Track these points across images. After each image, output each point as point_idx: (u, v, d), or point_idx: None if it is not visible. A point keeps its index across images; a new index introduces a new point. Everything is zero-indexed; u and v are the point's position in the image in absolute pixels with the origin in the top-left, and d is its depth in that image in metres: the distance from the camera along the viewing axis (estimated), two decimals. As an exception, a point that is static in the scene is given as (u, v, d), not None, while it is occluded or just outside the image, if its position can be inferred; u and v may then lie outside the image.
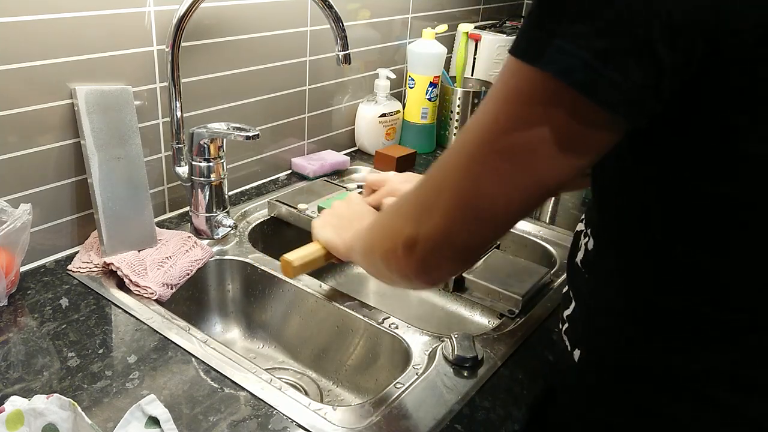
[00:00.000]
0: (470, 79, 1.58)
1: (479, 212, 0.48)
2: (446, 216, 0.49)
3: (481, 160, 0.47)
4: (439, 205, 0.49)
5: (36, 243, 0.91)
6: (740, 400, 0.50)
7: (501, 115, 0.45)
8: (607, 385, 0.58)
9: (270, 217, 1.14)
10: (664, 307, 0.52)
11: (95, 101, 0.91)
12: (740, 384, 0.50)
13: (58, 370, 0.73)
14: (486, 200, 0.47)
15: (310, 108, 1.31)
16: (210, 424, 0.67)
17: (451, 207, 0.49)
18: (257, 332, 1.03)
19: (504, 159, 0.46)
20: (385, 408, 0.71)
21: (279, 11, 1.16)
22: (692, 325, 0.51)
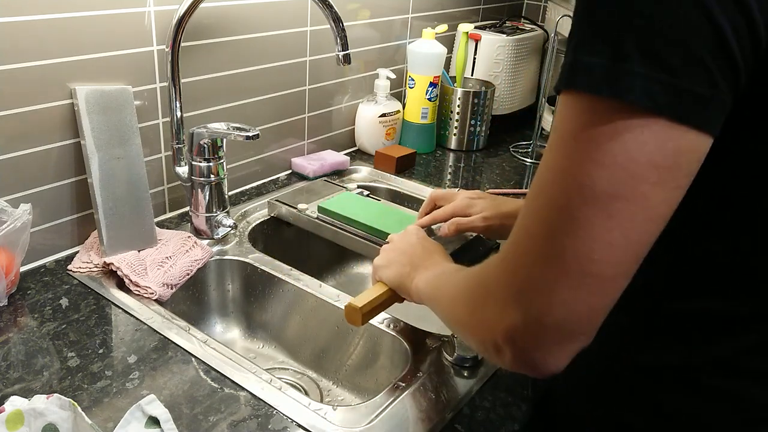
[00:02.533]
0: (470, 79, 1.58)
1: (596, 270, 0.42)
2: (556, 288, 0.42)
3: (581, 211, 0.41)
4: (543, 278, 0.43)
5: (36, 243, 0.91)
6: (747, 388, 0.51)
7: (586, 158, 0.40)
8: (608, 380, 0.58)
9: (270, 217, 1.14)
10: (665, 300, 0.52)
11: (95, 101, 0.91)
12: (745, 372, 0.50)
13: (58, 370, 0.73)
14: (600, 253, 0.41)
15: (310, 108, 1.31)
16: (210, 424, 0.67)
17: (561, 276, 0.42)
18: (257, 332, 1.03)
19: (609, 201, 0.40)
20: (385, 408, 0.71)
21: (279, 11, 1.16)
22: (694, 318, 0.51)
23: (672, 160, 0.40)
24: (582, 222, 0.41)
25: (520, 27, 1.65)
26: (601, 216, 0.40)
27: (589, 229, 0.41)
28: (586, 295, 0.42)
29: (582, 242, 0.41)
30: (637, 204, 0.40)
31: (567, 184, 0.41)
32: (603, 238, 0.41)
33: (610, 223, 0.40)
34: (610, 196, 0.40)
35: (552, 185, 0.43)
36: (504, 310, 0.45)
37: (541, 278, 0.43)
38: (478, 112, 1.49)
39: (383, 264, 0.79)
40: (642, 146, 0.39)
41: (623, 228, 0.41)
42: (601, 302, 0.43)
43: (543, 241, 0.43)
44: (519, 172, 1.41)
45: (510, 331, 0.45)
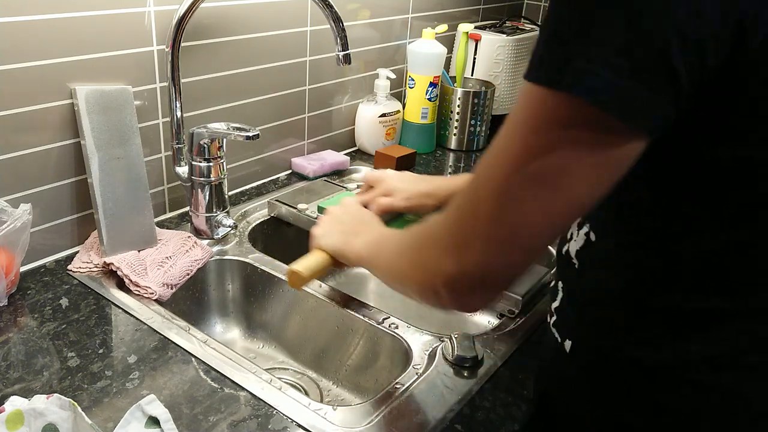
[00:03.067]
0: (470, 79, 1.58)
1: (520, 241, 0.48)
2: (487, 249, 0.49)
3: (516, 190, 0.46)
4: (478, 239, 0.49)
5: (36, 243, 0.91)
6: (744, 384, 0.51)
7: (530, 142, 0.45)
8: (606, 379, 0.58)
9: (270, 217, 1.14)
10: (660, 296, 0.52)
11: (95, 101, 0.91)
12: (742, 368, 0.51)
13: (58, 370, 0.73)
14: (526, 228, 0.47)
15: (310, 108, 1.31)
16: (210, 424, 0.67)
17: (492, 239, 0.49)
18: (257, 332, 1.03)
19: (539, 185, 0.46)
20: (385, 408, 0.71)
21: (279, 11, 1.16)
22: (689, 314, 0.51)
23: (600, 159, 0.44)
24: (515, 201, 0.47)
25: (520, 27, 1.65)
26: (530, 198, 0.46)
27: (518, 207, 0.47)
28: (508, 258, 0.50)
29: (512, 217, 0.47)
30: (561, 194, 0.46)
31: (508, 164, 0.47)
32: (530, 217, 0.47)
33: (536, 205, 0.46)
34: (540, 183, 0.45)
35: (498, 163, 0.48)
36: (443, 259, 0.52)
37: (476, 238, 0.49)
38: (478, 112, 1.49)
39: (322, 233, 0.85)
40: (575, 141, 0.44)
41: (545, 211, 0.47)
42: (520, 265, 0.51)
43: (483, 209, 0.49)
44: (519, 172, 1.41)
45: (448, 278, 0.52)
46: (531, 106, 0.45)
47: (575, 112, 0.43)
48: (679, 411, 0.53)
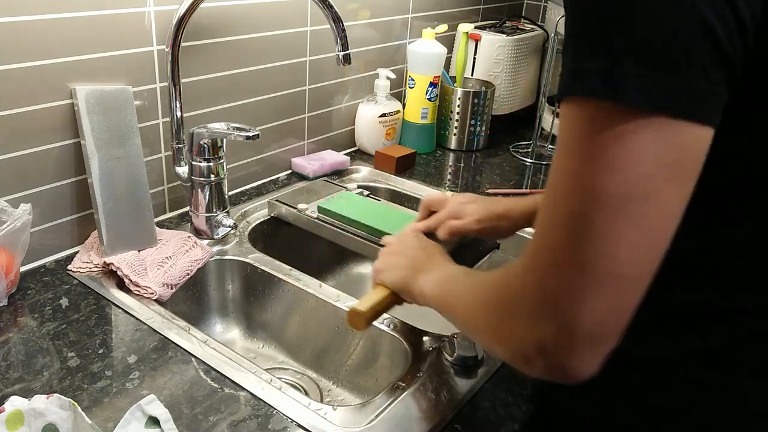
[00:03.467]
0: (470, 79, 1.58)
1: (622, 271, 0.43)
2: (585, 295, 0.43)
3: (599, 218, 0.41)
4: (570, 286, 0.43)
5: (36, 243, 0.91)
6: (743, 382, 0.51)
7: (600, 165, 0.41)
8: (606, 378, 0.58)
9: (270, 217, 1.14)
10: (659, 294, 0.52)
11: (95, 101, 0.91)
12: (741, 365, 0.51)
13: (58, 370, 0.73)
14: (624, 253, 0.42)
15: (310, 108, 1.31)
16: (210, 424, 0.67)
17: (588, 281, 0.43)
18: (257, 332, 1.03)
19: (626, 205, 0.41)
20: (385, 408, 0.71)
21: (279, 11, 1.16)
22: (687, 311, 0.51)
23: (677, 155, 0.41)
24: (601, 227, 0.42)
25: (520, 27, 1.65)
26: (619, 218, 0.41)
27: (609, 233, 0.41)
28: (614, 297, 0.43)
29: (604, 247, 0.42)
30: (651, 202, 0.41)
31: (580, 192, 0.42)
32: (624, 239, 0.42)
33: (629, 224, 0.41)
34: (624, 199, 0.41)
35: (565, 195, 0.43)
36: (533, 322, 0.45)
37: (570, 287, 0.43)
38: (478, 112, 1.49)
39: (384, 267, 0.78)
40: (646, 145, 0.40)
41: (641, 227, 0.41)
42: (629, 302, 0.44)
43: (566, 251, 0.43)
44: (519, 172, 1.41)
45: (542, 343, 0.45)
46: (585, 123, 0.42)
47: (638, 120, 0.40)
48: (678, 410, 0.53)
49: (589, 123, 0.42)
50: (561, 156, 0.44)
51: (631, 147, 0.40)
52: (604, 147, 0.41)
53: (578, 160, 0.42)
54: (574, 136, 0.43)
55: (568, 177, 0.43)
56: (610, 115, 0.41)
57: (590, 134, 0.42)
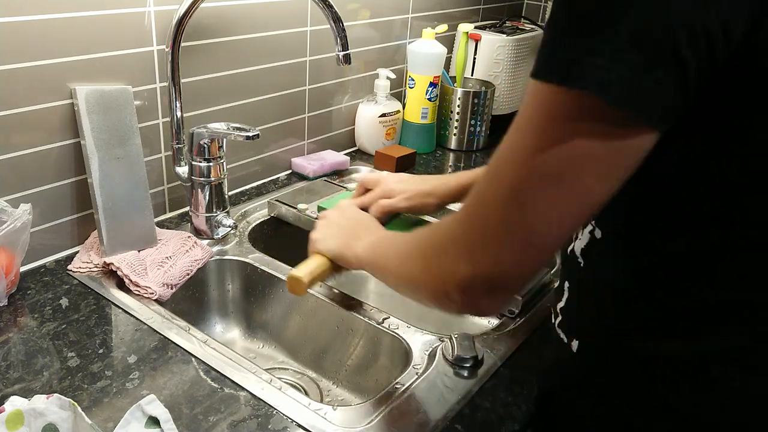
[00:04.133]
0: (470, 79, 1.58)
1: (535, 240, 0.48)
2: (502, 252, 0.49)
3: (529, 191, 0.46)
4: (492, 241, 0.49)
5: (36, 243, 0.91)
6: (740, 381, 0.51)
7: (540, 139, 0.45)
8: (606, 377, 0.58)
9: (270, 217, 1.14)
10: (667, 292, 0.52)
11: (95, 101, 0.91)
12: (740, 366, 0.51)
13: (58, 370, 0.73)
14: (540, 228, 0.47)
15: (310, 108, 1.31)
16: (210, 424, 0.67)
17: (506, 241, 0.48)
18: (257, 332, 1.03)
19: (552, 184, 0.45)
20: (385, 408, 0.71)
21: (279, 11, 1.16)
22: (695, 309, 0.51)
23: (611, 153, 0.44)
24: (528, 200, 0.46)
25: (520, 27, 1.65)
26: (542, 196, 0.46)
27: (532, 207, 0.46)
28: (523, 258, 0.49)
29: (526, 216, 0.47)
30: (575, 190, 0.45)
31: (520, 164, 0.47)
32: (544, 215, 0.47)
33: (549, 203, 0.46)
34: (551, 181, 0.45)
35: (508, 163, 0.48)
36: (457, 264, 0.52)
37: (491, 241, 0.49)
38: (478, 112, 1.49)
39: (321, 237, 0.84)
40: (586, 136, 0.44)
41: (561, 209, 0.46)
42: (534, 265, 0.51)
43: (495, 211, 0.49)
44: (519, 172, 1.41)
45: (461, 282, 0.51)
46: (539, 104, 0.45)
47: (585, 107, 0.43)
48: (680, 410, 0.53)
49: (544, 104, 0.45)
50: (514, 128, 0.48)
51: (569, 134, 0.44)
52: (550, 129, 0.45)
53: (524, 134, 0.47)
54: (528, 113, 0.47)
55: (514, 149, 0.48)
56: (560, 99, 0.44)
57: (541, 114, 0.45)
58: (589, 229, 0.58)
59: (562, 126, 0.44)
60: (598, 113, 0.43)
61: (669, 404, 0.53)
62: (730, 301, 0.50)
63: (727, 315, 0.50)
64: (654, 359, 0.54)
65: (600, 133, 0.43)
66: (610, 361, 0.57)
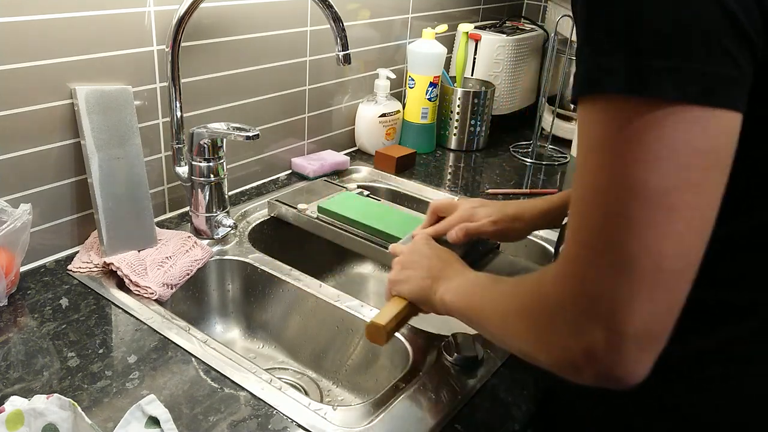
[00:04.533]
0: (470, 79, 1.58)
1: (673, 272, 0.42)
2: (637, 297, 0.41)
3: (649, 218, 0.41)
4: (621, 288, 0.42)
5: (36, 243, 0.91)
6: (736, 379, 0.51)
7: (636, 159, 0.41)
8: None
9: (270, 217, 1.14)
10: None
11: (95, 101, 0.91)
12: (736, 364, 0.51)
13: (58, 370, 0.73)
14: (669, 249, 0.41)
15: (310, 108, 1.31)
16: (210, 424, 0.67)
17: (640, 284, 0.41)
18: (257, 332, 1.03)
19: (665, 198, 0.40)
20: (385, 408, 0.71)
21: (279, 11, 1.16)
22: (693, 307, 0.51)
23: (712, 143, 0.41)
24: (644, 222, 0.41)
25: (520, 27, 1.65)
26: (662, 211, 0.40)
27: (653, 228, 0.41)
28: (662, 294, 0.42)
29: (647, 241, 0.41)
30: (692, 191, 0.41)
31: (616, 188, 0.41)
32: (669, 232, 0.41)
33: (672, 216, 0.41)
34: (664, 191, 0.40)
35: (599, 192, 0.42)
36: (578, 329, 0.44)
37: (614, 288, 0.42)
38: (478, 112, 1.49)
39: (400, 278, 0.76)
40: (679, 135, 0.40)
41: (685, 217, 0.41)
42: (678, 297, 0.43)
43: (605, 250, 0.42)
44: (519, 172, 1.41)
45: (590, 350, 0.43)
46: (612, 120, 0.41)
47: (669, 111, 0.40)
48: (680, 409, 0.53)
49: (616, 118, 0.41)
50: (587, 155, 0.43)
51: (666, 138, 0.40)
52: (638, 141, 0.40)
53: (610, 156, 0.42)
54: (600, 133, 0.42)
55: (600, 174, 0.42)
56: (638, 109, 0.40)
57: (619, 129, 0.41)
58: None
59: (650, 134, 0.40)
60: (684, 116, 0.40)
61: (668, 404, 0.53)
62: (728, 300, 0.50)
63: (724, 314, 0.50)
64: None
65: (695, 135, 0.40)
66: None
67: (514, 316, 0.53)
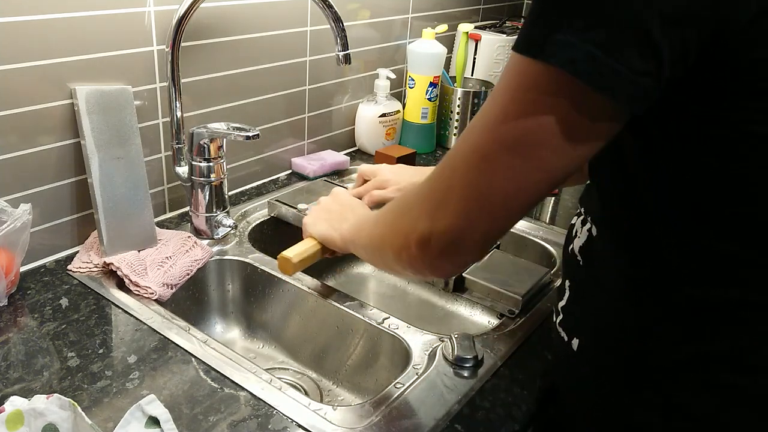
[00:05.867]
0: (470, 79, 1.58)
1: (492, 207, 0.50)
2: (459, 212, 0.51)
3: (491, 156, 0.48)
4: (452, 201, 0.51)
5: (36, 243, 0.91)
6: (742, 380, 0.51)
7: (507, 111, 0.47)
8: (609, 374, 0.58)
9: (270, 217, 1.14)
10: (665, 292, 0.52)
11: (95, 101, 0.91)
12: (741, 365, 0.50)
13: (58, 370, 0.73)
14: (498, 194, 0.49)
15: (310, 108, 1.31)
16: (210, 424, 0.67)
17: (464, 203, 0.50)
18: (257, 332, 1.03)
19: (513, 153, 0.47)
20: (385, 408, 0.71)
21: (279, 11, 1.16)
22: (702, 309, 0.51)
23: (579, 130, 0.45)
24: (488, 165, 0.48)
25: (520, 27, 1.65)
26: (503, 164, 0.48)
27: (491, 172, 0.48)
28: (478, 223, 0.51)
29: (486, 183, 0.49)
30: (535, 163, 0.47)
31: (485, 131, 0.49)
32: (502, 184, 0.48)
33: (508, 172, 0.48)
34: (511, 151, 0.47)
35: (476, 129, 0.50)
36: (417, 219, 0.54)
37: (451, 201, 0.51)
38: (478, 112, 1.49)
39: (312, 221, 0.89)
40: (552, 111, 0.45)
41: (516, 181, 0.48)
42: (492, 231, 0.52)
43: (458, 174, 0.50)
44: (519, 172, 1.41)
45: (420, 237, 0.54)
46: (513, 75, 0.47)
47: (554, 82, 0.44)
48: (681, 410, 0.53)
49: (516, 76, 0.47)
50: (490, 95, 0.49)
51: (536, 108, 0.45)
52: (515, 100, 0.46)
53: (495, 103, 0.48)
54: (503, 83, 0.48)
55: (481, 114, 0.49)
56: (533, 74, 0.45)
57: (513, 86, 0.47)
58: (587, 228, 0.58)
59: (528, 97, 0.46)
60: (564, 88, 0.44)
61: (669, 404, 0.53)
62: (730, 301, 0.50)
63: (726, 315, 0.50)
64: (654, 359, 0.54)
65: (564, 107, 0.44)
66: (610, 360, 0.57)
67: (379, 219, 0.65)
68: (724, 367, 0.51)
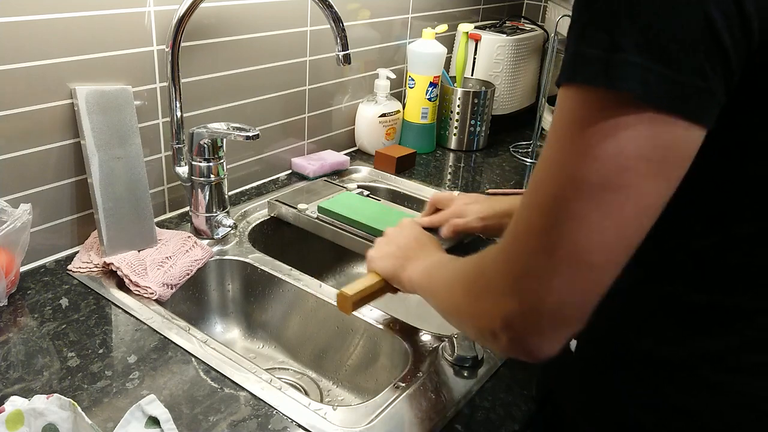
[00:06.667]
0: (470, 79, 1.58)
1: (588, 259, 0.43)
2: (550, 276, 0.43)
3: (575, 202, 0.42)
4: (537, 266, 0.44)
5: (36, 243, 0.91)
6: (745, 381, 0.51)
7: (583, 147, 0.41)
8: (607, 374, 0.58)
9: (270, 217, 1.14)
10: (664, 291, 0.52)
11: (95, 101, 0.91)
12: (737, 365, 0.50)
13: (58, 370, 0.73)
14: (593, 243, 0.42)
15: (310, 108, 1.31)
16: (210, 424, 0.67)
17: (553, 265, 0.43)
18: (257, 332, 1.03)
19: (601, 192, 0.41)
20: (385, 408, 0.71)
21: (279, 11, 1.16)
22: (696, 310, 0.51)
23: (662, 153, 0.41)
24: (575, 213, 0.42)
25: (520, 27, 1.65)
26: (593, 207, 0.41)
27: (582, 220, 0.42)
28: (579, 282, 0.43)
29: (576, 233, 0.42)
30: (627, 195, 0.41)
31: (562, 177, 0.42)
32: (595, 228, 0.42)
33: (602, 214, 0.41)
34: (600, 188, 0.41)
35: (548, 178, 0.44)
36: (502, 298, 0.46)
37: (538, 267, 0.44)
38: (478, 112, 1.49)
39: (377, 255, 0.80)
40: (633, 137, 0.40)
41: (614, 219, 0.42)
42: (594, 290, 0.44)
43: (540, 232, 0.44)
44: (519, 172, 1.41)
45: (507, 318, 0.46)
46: (577, 109, 0.42)
47: (630, 110, 0.40)
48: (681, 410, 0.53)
49: (581, 109, 0.42)
50: (550, 141, 0.44)
51: (618, 136, 0.40)
52: (591, 134, 0.41)
53: (562, 145, 0.43)
54: (564, 122, 0.43)
55: (553, 162, 0.44)
56: (603, 102, 0.41)
57: (580, 120, 0.42)
58: None
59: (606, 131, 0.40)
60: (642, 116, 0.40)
61: (667, 404, 0.53)
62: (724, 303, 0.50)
63: (720, 317, 0.50)
64: (650, 359, 0.54)
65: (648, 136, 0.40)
66: (609, 360, 0.57)
67: (457, 286, 0.55)
68: (720, 368, 0.51)
